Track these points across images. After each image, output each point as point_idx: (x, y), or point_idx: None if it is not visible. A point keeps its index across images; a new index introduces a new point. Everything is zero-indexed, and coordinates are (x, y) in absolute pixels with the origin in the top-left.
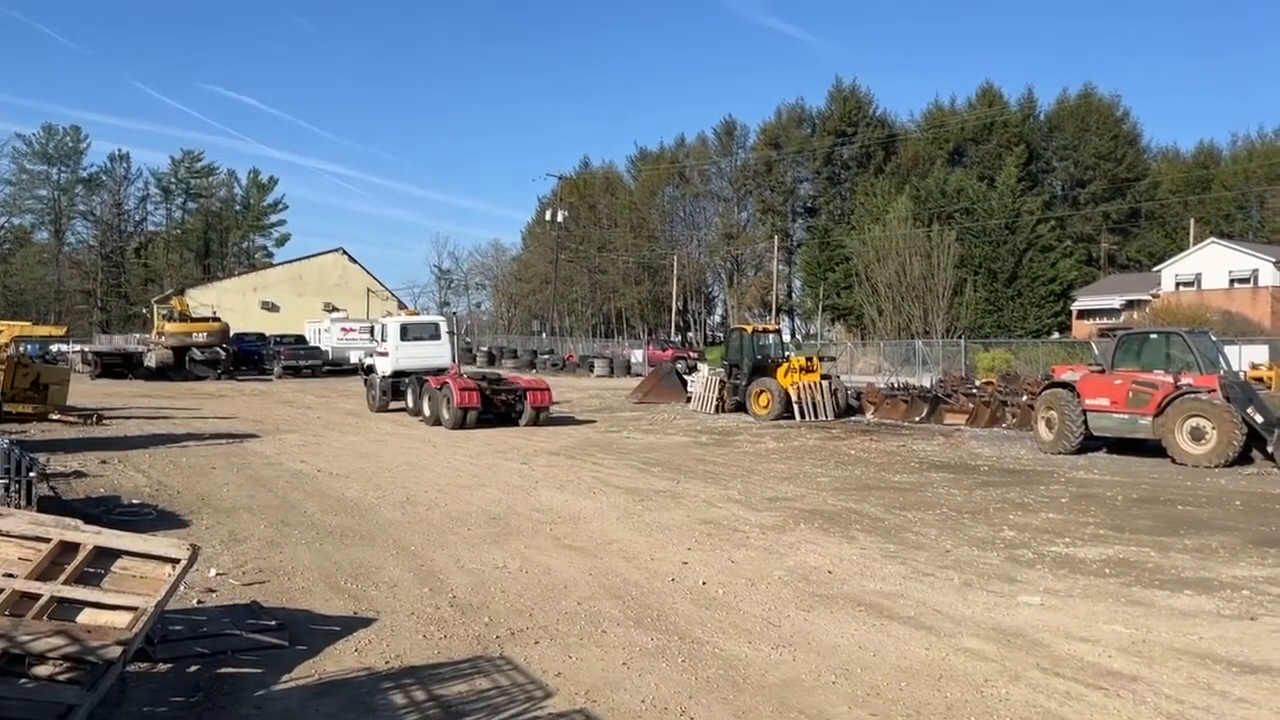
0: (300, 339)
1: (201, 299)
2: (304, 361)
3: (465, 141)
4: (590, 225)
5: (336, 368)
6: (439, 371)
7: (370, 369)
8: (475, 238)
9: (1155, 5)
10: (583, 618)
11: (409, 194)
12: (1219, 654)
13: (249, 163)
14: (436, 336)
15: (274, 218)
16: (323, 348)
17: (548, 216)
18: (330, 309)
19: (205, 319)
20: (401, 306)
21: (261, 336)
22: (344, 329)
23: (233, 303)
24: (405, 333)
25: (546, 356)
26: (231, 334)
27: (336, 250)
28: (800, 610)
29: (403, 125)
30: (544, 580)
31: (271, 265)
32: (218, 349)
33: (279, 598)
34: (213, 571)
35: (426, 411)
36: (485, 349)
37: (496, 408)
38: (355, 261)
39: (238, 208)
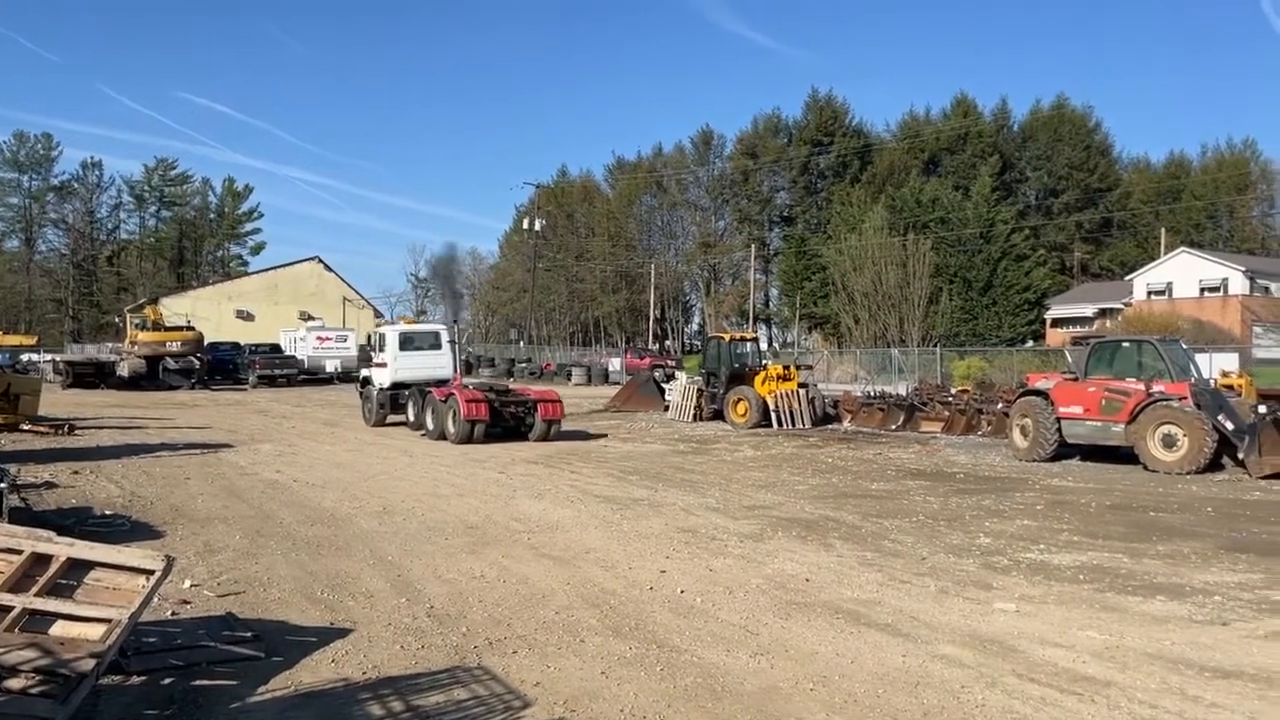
0: (275, 348)
1: (175, 308)
2: (279, 371)
3: (443, 150)
4: (568, 234)
5: (312, 377)
6: (441, 383)
7: (366, 381)
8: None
9: (1128, 20)
10: (561, 627)
11: (386, 202)
12: (1191, 659)
13: (223, 171)
14: (437, 346)
15: (249, 226)
16: (298, 357)
17: (525, 225)
18: (306, 318)
19: (179, 328)
20: (378, 315)
21: (236, 345)
22: (319, 338)
23: (207, 312)
24: (405, 342)
25: (524, 365)
26: (206, 343)
27: (312, 259)
28: (778, 618)
29: (379, 134)
30: (522, 590)
31: (246, 274)
32: (192, 358)
33: (254, 609)
34: (187, 583)
35: (430, 425)
36: (462, 358)
37: (505, 420)
38: (331, 270)
39: (212, 216)
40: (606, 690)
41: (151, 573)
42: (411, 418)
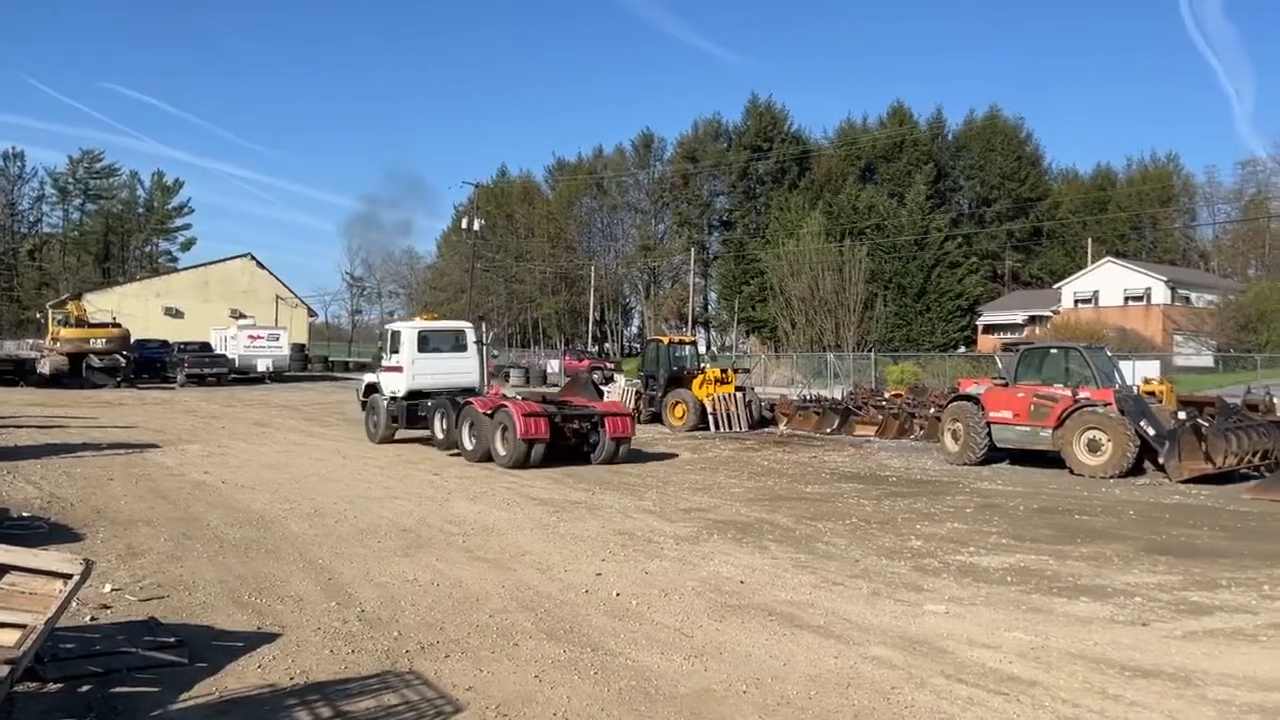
0: (205, 346)
1: (100, 304)
2: (209, 370)
3: (380, 147)
4: (507, 234)
5: (243, 376)
6: (468, 391)
7: (372, 388)
8: (389, 244)
9: (1057, 33)
10: (495, 631)
11: (320, 199)
12: (1113, 659)
13: (152, 164)
14: (461, 348)
15: (179, 221)
16: (229, 355)
17: (464, 225)
18: (237, 316)
19: (104, 325)
20: (311, 314)
21: (164, 343)
22: (251, 336)
23: (134, 308)
24: (423, 343)
25: None
26: (132, 340)
27: (244, 256)
28: (713, 620)
29: (315, 130)
30: (455, 593)
31: (176, 270)
32: (117, 356)
33: (179, 613)
34: (108, 587)
35: (469, 444)
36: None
37: (566, 439)
38: (264, 267)
39: (140, 210)
40: (540, 694)
41: (69, 576)
42: (439, 434)
